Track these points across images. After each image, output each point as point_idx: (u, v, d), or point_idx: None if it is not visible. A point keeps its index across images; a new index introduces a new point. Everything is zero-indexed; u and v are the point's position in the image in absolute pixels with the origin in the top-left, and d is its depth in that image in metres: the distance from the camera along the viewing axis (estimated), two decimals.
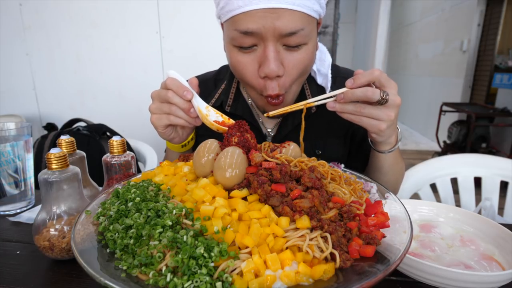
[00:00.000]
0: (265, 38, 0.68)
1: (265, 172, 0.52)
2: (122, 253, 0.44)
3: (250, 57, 0.72)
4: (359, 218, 0.49)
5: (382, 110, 0.66)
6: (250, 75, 0.74)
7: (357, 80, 0.64)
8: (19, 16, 2.28)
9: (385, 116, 0.66)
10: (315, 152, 0.91)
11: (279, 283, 0.39)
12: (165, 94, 0.68)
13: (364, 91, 0.63)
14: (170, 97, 0.68)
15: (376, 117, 0.66)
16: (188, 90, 0.68)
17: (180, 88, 0.68)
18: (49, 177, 0.57)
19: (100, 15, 2.26)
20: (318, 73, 0.90)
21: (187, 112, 0.69)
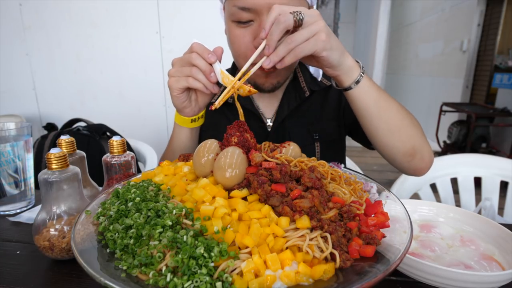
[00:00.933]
0: (260, 13, 0.75)
1: (265, 172, 0.52)
2: (122, 253, 0.44)
3: (247, 30, 0.79)
4: (359, 218, 0.49)
5: (309, 25, 0.62)
6: (245, 46, 0.80)
7: (265, 25, 0.61)
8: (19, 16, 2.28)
9: (315, 27, 0.61)
10: (312, 136, 0.95)
11: (279, 283, 0.39)
12: (189, 56, 0.69)
13: (277, 24, 0.59)
14: (194, 58, 0.69)
15: (308, 34, 0.61)
16: (213, 54, 0.68)
17: (205, 50, 0.69)
18: (49, 177, 0.57)
19: (100, 15, 2.27)
20: None
21: (208, 75, 0.69)
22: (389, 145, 0.77)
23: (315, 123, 0.96)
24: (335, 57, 0.66)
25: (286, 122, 0.95)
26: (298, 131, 0.95)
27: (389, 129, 0.75)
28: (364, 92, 0.72)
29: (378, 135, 0.77)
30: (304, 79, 0.96)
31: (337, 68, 0.69)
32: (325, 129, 0.96)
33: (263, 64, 0.63)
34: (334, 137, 0.98)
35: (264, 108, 0.98)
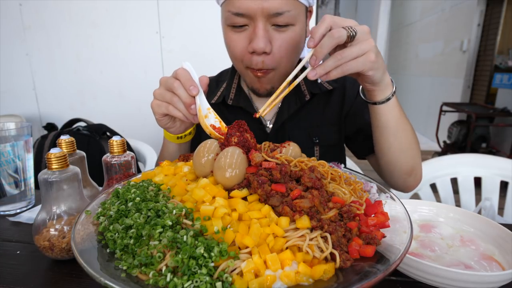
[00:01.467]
0: (254, 18, 0.76)
1: (265, 172, 0.52)
2: (122, 253, 0.44)
3: (242, 35, 0.80)
4: (359, 218, 0.48)
5: (360, 42, 0.61)
6: (240, 50, 0.81)
7: (314, 35, 0.59)
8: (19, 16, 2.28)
9: (366, 45, 0.61)
10: (312, 140, 0.95)
11: (279, 283, 0.39)
12: (172, 83, 0.68)
13: (329, 37, 0.58)
14: (176, 87, 0.68)
15: (358, 52, 0.61)
16: (195, 86, 0.67)
17: (188, 81, 0.67)
18: (49, 177, 0.57)
19: (100, 15, 2.27)
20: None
21: (187, 107, 0.68)
22: (394, 162, 0.81)
23: (316, 127, 0.95)
24: (379, 75, 0.67)
25: (286, 125, 0.95)
26: (298, 134, 0.95)
27: (401, 148, 0.78)
28: (390, 110, 0.74)
29: (389, 152, 0.79)
30: (304, 82, 0.95)
31: (376, 85, 0.70)
32: (325, 133, 0.96)
33: (308, 75, 0.61)
34: (334, 141, 0.97)
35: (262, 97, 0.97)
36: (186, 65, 0.70)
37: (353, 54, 0.60)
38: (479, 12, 4.25)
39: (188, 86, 0.67)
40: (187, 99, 0.67)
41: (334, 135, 0.97)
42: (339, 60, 0.60)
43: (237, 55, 0.82)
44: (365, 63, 0.62)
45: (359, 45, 0.61)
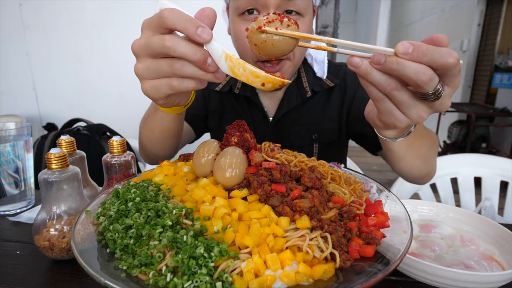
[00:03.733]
0: (266, 4, 0.75)
1: (265, 172, 0.52)
2: (122, 253, 0.44)
3: None
4: (359, 218, 0.48)
5: (418, 105, 0.46)
6: None
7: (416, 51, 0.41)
8: (19, 16, 2.28)
9: (416, 115, 0.47)
10: (312, 137, 0.96)
11: (279, 283, 0.39)
12: (161, 42, 0.43)
13: (418, 72, 0.41)
14: (172, 45, 0.42)
15: (404, 110, 0.47)
16: (204, 26, 0.42)
17: (189, 23, 0.41)
18: (49, 177, 0.57)
19: (100, 15, 2.26)
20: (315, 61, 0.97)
21: (203, 66, 0.44)
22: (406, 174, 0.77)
23: (316, 124, 0.96)
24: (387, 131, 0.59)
25: (286, 120, 0.95)
26: (298, 130, 0.96)
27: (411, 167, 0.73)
28: (404, 143, 0.64)
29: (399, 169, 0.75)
30: (307, 79, 0.96)
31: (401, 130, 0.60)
32: (325, 130, 0.96)
33: (352, 60, 0.44)
34: (334, 138, 0.98)
35: (267, 104, 0.99)
36: (166, 3, 0.45)
37: (400, 103, 0.46)
38: (479, 12, 4.25)
39: (193, 30, 0.41)
40: (197, 54, 0.42)
41: (334, 132, 0.97)
42: (386, 87, 0.45)
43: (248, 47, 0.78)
44: (390, 118, 0.49)
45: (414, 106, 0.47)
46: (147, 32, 0.46)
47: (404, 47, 0.41)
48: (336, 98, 0.97)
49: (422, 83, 0.42)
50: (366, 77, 0.45)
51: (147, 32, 0.46)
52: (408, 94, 0.46)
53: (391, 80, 0.44)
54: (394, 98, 0.46)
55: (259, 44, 0.48)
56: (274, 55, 0.49)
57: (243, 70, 0.44)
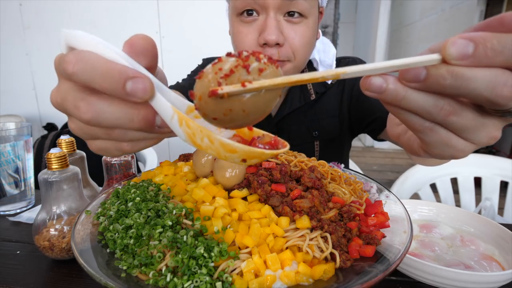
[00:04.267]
0: (266, 5, 0.71)
1: (265, 172, 0.52)
2: (122, 253, 0.44)
3: (251, 26, 0.74)
4: (359, 218, 0.49)
5: (489, 124, 0.29)
6: (249, 43, 0.75)
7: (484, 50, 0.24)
8: (19, 16, 2.28)
9: (486, 138, 0.30)
10: (312, 135, 0.94)
11: (279, 283, 0.39)
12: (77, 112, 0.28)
13: (493, 84, 0.25)
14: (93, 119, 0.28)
15: (467, 135, 0.30)
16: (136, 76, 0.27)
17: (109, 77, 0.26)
18: (49, 177, 0.57)
19: (100, 15, 2.26)
20: (320, 64, 0.93)
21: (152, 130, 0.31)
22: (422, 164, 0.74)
23: (316, 121, 0.95)
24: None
25: (287, 120, 0.95)
26: (298, 128, 0.95)
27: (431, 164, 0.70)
28: None
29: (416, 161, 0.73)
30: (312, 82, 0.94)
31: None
32: (325, 126, 0.95)
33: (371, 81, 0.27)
34: (335, 135, 0.96)
35: None
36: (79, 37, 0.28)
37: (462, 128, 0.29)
38: (479, 12, 4.25)
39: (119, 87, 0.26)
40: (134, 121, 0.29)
41: (334, 128, 0.95)
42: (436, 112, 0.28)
43: (246, 48, 0.76)
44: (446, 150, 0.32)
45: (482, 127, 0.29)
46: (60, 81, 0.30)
47: (460, 47, 0.25)
48: (335, 93, 0.95)
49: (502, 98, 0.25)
50: (399, 103, 0.28)
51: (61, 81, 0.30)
52: (473, 114, 0.28)
53: (444, 101, 0.27)
54: (451, 125, 0.29)
55: (221, 118, 0.27)
56: (249, 123, 0.29)
57: (209, 141, 0.27)
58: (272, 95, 0.27)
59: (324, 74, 0.26)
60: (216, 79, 0.26)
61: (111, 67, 0.26)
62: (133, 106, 0.28)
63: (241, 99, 0.26)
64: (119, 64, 0.26)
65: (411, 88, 0.27)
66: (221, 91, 0.25)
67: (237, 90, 0.25)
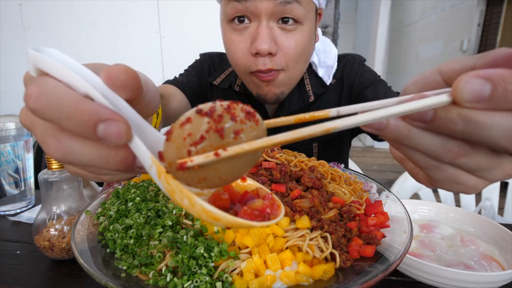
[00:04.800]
0: (257, 12, 0.67)
1: (265, 172, 0.52)
2: (122, 253, 0.44)
3: (243, 34, 0.71)
4: (359, 218, 0.49)
5: (503, 162, 0.26)
6: (241, 53, 0.72)
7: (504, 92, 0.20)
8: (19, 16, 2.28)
9: (500, 175, 0.27)
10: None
11: (279, 283, 0.39)
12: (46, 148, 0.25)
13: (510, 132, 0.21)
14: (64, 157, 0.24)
15: (479, 174, 0.27)
16: (110, 119, 0.22)
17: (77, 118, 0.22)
18: (49, 177, 0.57)
19: (100, 15, 2.27)
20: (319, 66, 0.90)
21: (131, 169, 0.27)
22: None
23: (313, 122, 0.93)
24: None
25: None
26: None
27: None
28: None
29: None
30: (309, 82, 0.90)
31: None
32: None
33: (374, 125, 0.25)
34: (333, 136, 0.94)
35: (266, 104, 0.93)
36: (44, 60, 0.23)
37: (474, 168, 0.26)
38: (479, 12, 4.25)
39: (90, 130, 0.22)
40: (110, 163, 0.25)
41: None
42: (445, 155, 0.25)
43: (238, 58, 0.73)
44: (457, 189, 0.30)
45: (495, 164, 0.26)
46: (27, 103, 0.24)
47: (475, 87, 0.20)
48: (333, 93, 0.93)
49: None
50: (401, 142, 0.26)
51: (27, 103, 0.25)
52: (486, 156, 0.25)
53: (453, 143, 0.24)
54: (462, 166, 0.26)
55: (194, 185, 0.24)
56: (226, 184, 0.26)
57: (190, 204, 0.23)
58: (251, 157, 0.24)
59: (312, 132, 0.23)
60: (185, 146, 0.22)
61: (79, 107, 0.22)
62: (109, 147, 0.24)
63: (216, 167, 0.23)
64: (89, 103, 0.22)
65: (414, 127, 0.24)
66: (190, 163, 0.21)
67: (209, 160, 0.21)
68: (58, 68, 0.23)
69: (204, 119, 0.22)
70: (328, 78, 0.90)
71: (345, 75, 0.91)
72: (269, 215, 0.26)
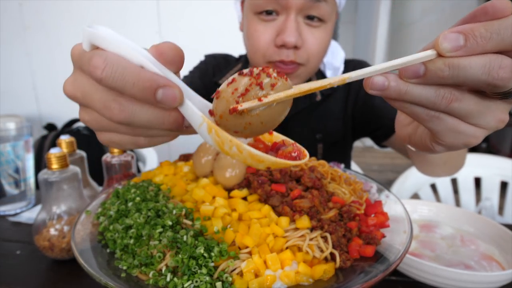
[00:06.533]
0: (286, 6, 0.69)
1: (265, 172, 0.52)
2: (122, 253, 0.44)
3: (269, 25, 0.73)
4: (359, 218, 0.48)
5: (494, 107, 0.31)
6: (265, 42, 0.73)
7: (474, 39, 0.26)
8: (19, 16, 2.28)
9: (493, 121, 0.32)
10: (315, 137, 0.93)
11: (279, 283, 0.39)
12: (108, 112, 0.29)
13: (489, 68, 0.27)
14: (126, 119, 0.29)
15: (474, 121, 0.31)
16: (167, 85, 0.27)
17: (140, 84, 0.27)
18: (49, 177, 0.57)
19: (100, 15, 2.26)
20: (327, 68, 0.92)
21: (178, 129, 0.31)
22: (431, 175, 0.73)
23: (319, 123, 0.93)
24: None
25: (290, 121, 0.93)
26: (301, 130, 0.93)
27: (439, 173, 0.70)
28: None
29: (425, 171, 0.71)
30: None
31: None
32: (329, 128, 0.93)
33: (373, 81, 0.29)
34: (338, 138, 0.95)
35: None
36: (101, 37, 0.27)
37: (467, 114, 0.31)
38: None
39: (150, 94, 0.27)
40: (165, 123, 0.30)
41: (338, 131, 0.94)
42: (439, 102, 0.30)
43: (260, 47, 0.74)
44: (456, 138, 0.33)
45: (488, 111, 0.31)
46: (78, 75, 0.31)
47: (451, 40, 0.26)
48: (340, 95, 0.93)
49: (500, 80, 0.27)
50: (402, 98, 0.30)
51: (79, 75, 0.31)
52: (475, 99, 0.30)
53: (445, 90, 0.29)
54: (455, 112, 0.31)
55: (241, 131, 0.30)
56: (265, 131, 0.33)
57: (238, 150, 0.29)
58: (284, 105, 0.31)
59: (331, 81, 0.29)
60: (234, 98, 0.29)
61: (141, 75, 0.26)
62: (163, 110, 0.29)
63: (259, 113, 0.29)
64: (149, 71, 0.27)
65: (412, 83, 0.29)
66: (240, 107, 0.28)
67: (255, 105, 0.28)
68: (114, 44, 0.27)
69: (245, 77, 0.29)
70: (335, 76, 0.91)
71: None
72: (298, 157, 0.32)
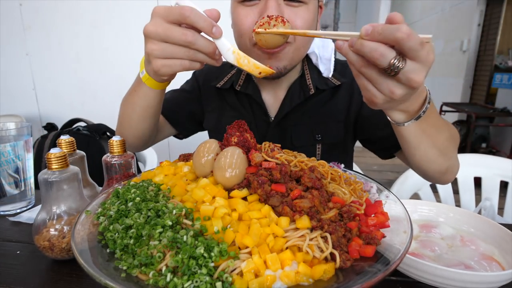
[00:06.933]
0: None
1: (265, 172, 0.52)
2: (122, 253, 0.44)
3: (251, 9, 0.77)
4: (359, 218, 0.48)
5: (386, 81, 0.49)
6: (248, 25, 0.77)
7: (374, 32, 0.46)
8: (19, 16, 2.28)
9: (386, 90, 0.50)
10: (314, 137, 0.92)
11: (279, 283, 0.39)
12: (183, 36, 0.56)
13: (372, 49, 0.46)
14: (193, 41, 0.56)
15: (376, 85, 0.51)
16: (217, 25, 0.57)
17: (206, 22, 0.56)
18: (49, 177, 0.57)
19: (100, 15, 2.26)
20: (320, 61, 0.93)
21: (213, 56, 0.60)
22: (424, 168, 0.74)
23: (319, 123, 0.92)
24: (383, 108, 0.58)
25: (288, 120, 0.93)
26: (300, 130, 0.92)
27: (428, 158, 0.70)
28: (417, 130, 0.62)
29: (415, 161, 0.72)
30: (310, 76, 0.92)
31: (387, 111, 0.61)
32: (329, 130, 0.92)
33: (337, 43, 0.51)
34: (338, 139, 0.94)
35: (269, 102, 0.96)
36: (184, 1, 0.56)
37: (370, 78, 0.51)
38: (479, 12, 4.25)
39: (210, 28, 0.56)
40: (210, 47, 0.58)
41: (338, 132, 0.93)
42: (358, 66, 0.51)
43: (245, 30, 0.77)
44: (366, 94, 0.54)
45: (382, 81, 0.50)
46: (160, 21, 0.57)
47: (365, 29, 0.46)
48: (343, 97, 0.93)
49: (374, 59, 0.47)
50: (346, 57, 0.51)
51: (161, 21, 0.57)
52: (375, 71, 0.50)
53: (360, 59, 0.50)
54: (365, 74, 0.51)
55: (258, 41, 0.70)
56: (271, 46, 0.71)
57: (247, 61, 0.59)
58: (278, 37, 0.69)
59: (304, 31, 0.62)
60: (257, 26, 0.69)
61: (206, 17, 0.56)
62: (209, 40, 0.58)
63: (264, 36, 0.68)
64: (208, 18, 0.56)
65: (350, 50, 0.50)
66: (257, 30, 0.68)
67: (261, 31, 0.67)
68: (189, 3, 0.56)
69: (264, 18, 0.69)
70: (329, 73, 0.93)
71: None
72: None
